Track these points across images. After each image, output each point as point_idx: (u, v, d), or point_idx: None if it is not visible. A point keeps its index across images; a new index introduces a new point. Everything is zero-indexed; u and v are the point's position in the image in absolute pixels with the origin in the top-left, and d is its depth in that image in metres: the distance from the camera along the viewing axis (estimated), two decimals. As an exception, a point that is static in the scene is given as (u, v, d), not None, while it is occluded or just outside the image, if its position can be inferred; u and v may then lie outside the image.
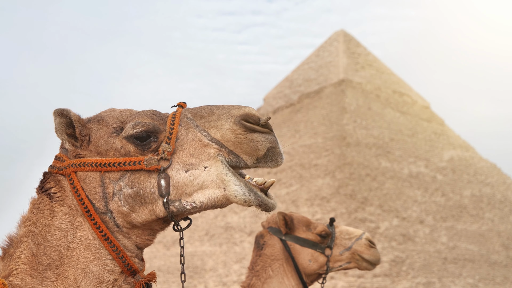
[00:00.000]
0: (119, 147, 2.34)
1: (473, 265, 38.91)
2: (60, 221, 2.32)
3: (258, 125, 2.29)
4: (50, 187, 2.38)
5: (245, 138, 2.25)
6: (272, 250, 4.51)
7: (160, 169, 2.26)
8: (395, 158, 43.38)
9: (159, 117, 2.39)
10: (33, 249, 2.30)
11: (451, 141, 49.51)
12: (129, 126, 2.34)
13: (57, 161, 2.43)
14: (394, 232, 37.26)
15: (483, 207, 44.36)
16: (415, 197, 41.10)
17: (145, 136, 2.32)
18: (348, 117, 44.66)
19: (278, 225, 4.59)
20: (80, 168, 2.35)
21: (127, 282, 2.32)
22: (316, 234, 4.62)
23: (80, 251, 2.28)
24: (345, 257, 4.69)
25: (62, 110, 2.38)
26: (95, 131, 2.40)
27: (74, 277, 2.25)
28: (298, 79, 52.90)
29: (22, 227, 2.38)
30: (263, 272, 4.45)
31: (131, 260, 2.32)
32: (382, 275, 34.48)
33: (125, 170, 2.30)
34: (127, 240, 2.34)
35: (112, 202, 2.31)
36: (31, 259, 2.29)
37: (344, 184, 38.90)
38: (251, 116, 2.29)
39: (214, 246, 41.86)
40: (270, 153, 2.26)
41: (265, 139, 2.27)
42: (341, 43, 52.17)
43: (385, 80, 51.33)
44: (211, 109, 2.35)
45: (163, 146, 2.29)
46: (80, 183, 2.33)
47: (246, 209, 42.44)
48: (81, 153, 2.39)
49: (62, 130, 2.39)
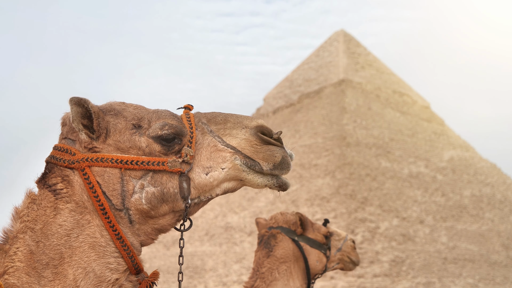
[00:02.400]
0: (144, 146, 2.34)
1: (473, 265, 38.90)
2: (64, 218, 2.25)
3: (272, 138, 2.43)
4: (56, 182, 2.30)
5: (261, 148, 2.39)
6: (283, 251, 4.42)
7: (184, 172, 2.32)
8: (395, 158, 43.37)
9: (178, 119, 2.43)
10: (31, 247, 2.23)
11: (451, 141, 49.51)
12: (157, 126, 2.35)
13: (64, 153, 2.33)
14: (394, 232, 37.24)
15: (483, 207, 44.35)
16: (415, 197, 41.09)
17: (172, 138, 2.35)
18: (348, 117, 44.65)
19: (289, 225, 4.51)
20: (97, 163, 2.29)
21: (129, 280, 2.29)
22: (322, 235, 4.61)
23: (84, 250, 2.23)
24: (337, 258, 4.75)
25: (80, 99, 2.30)
26: (113, 125, 2.36)
27: (73, 276, 2.20)
28: (298, 79, 52.88)
29: (18, 222, 2.28)
30: (269, 275, 4.37)
31: (138, 259, 2.31)
32: (382, 275, 34.47)
33: (147, 170, 2.30)
34: (134, 238, 2.32)
35: (131, 200, 2.29)
36: (28, 257, 2.22)
37: (344, 184, 38.89)
38: (266, 129, 2.43)
39: (214, 246, 41.84)
40: (284, 161, 2.41)
41: (279, 150, 2.42)
42: (341, 43, 52.17)
43: (385, 80, 51.32)
44: (226, 117, 2.43)
45: (185, 149, 2.34)
46: (96, 179, 2.28)
47: (246, 209, 42.44)
48: (97, 147, 2.33)
49: (78, 120, 2.31)
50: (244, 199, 43.26)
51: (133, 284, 2.31)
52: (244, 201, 43.26)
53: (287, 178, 2.44)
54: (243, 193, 43.86)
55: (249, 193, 43.40)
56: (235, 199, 44.05)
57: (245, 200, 43.24)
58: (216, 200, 45.25)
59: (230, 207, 43.90)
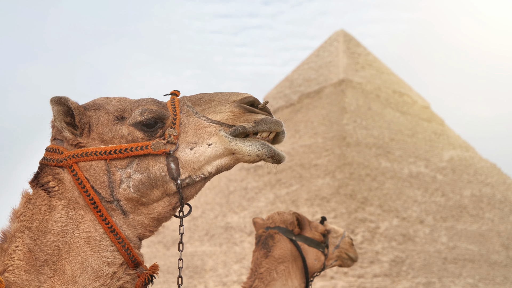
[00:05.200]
0: (126, 134, 2.33)
1: (473, 265, 38.89)
2: (59, 215, 2.27)
3: (257, 108, 2.39)
4: (48, 181, 2.32)
5: (245, 115, 2.35)
6: (281, 252, 4.41)
7: (168, 152, 2.28)
8: (395, 158, 43.35)
9: (161, 104, 2.41)
10: (29, 245, 2.25)
11: (451, 141, 49.48)
12: (137, 113, 2.34)
13: (53, 153, 2.36)
14: (394, 232, 37.23)
15: (483, 207, 44.33)
16: (415, 197, 41.07)
17: (153, 123, 2.34)
18: (348, 117, 44.63)
19: (287, 225, 4.50)
20: (82, 158, 2.30)
21: (127, 274, 2.29)
22: (320, 233, 4.62)
23: (80, 245, 2.23)
24: (335, 255, 4.75)
25: (59, 98, 2.32)
26: (96, 118, 2.36)
27: (72, 272, 2.21)
28: (298, 79, 52.86)
29: (15, 222, 2.31)
30: (267, 275, 4.36)
31: (135, 252, 2.30)
32: (382, 275, 34.46)
33: (132, 156, 2.29)
34: (130, 231, 2.31)
35: (119, 190, 2.28)
36: (27, 255, 2.24)
37: (344, 184, 38.87)
38: (251, 99, 2.39)
39: (214, 246, 41.83)
40: (266, 119, 2.36)
41: (263, 114, 2.38)
42: (341, 43, 52.15)
43: (385, 80, 51.29)
44: (210, 97, 2.41)
45: (169, 130, 2.31)
46: (83, 174, 2.28)
47: (246, 209, 42.41)
48: (82, 142, 2.34)
49: (60, 118, 2.33)
50: (244, 199, 43.25)
51: (131, 277, 2.30)
52: (244, 201, 43.25)
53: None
54: (243, 193, 43.87)
55: (249, 193, 43.41)
56: (235, 199, 44.05)
57: (245, 200, 43.23)
58: (216, 200, 45.25)
59: (230, 207, 43.89)
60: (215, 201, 45.28)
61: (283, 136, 2.41)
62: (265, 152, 2.31)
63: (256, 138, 2.34)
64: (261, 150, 2.30)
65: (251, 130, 2.33)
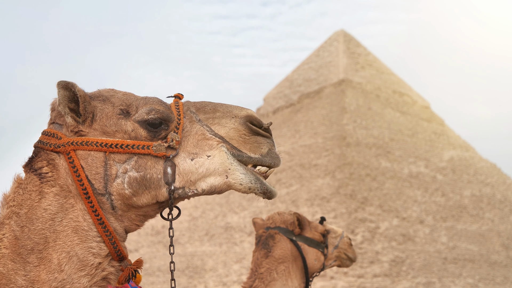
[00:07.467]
0: (130, 130, 2.32)
1: (473, 265, 38.89)
2: (49, 202, 2.23)
3: (261, 129, 2.38)
4: (41, 166, 2.29)
5: (250, 139, 2.34)
6: (281, 252, 4.41)
7: (168, 157, 2.28)
8: (395, 158, 43.37)
9: (167, 106, 2.40)
10: (16, 232, 2.20)
11: (451, 141, 49.51)
12: (144, 110, 2.32)
13: (51, 137, 2.32)
14: (394, 232, 37.24)
15: (483, 207, 44.34)
16: (415, 197, 41.08)
17: (158, 124, 2.32)
18: (348, 117, 44.64)
19: (287, 225, 4.51)
20: (82, 146, 2.28)
21: (112, 265, 2.27)
22: (320, 234, 4.62)
23: (67, 234, 2.21)
24: (334, 255, 4.76)
25: (67, 83, 2.29)
26: (100, 109, 2.34)
27: (58, 260, 2.18)
28: (298, 79, 52.88)
29: (5, 208, 2.27)
30: (267, 275, 4.36)
31: (121, 245, 2.29)
32: (382, 275, 34.46)
33: (132, 153, 2.28)
34: (118, 224, 2.30)
35: (113, 184, 2.26)
36: (14, 243, 2.19)
37: (344, 184, 38.88)
38: (255, 119, 2.38)
39: (214, 246, 41.84)
40: (271, 153, 2.36)
41: (267, 142, 2.38)
42: (341, 43, 52.16)
43: (385, 80, 51.32)
44: (215, 106, 2.40)
45: (171, 135, 2.30)
46: (80, 162, 2.26)
47: (246, 209, 42.43)
48: (83, 130, 2.31)
49: (65, 103, 2.30)
50: (244, 199, 43.26)
51: (115, 269, 2.28)
52: (244, 201, 43.26)
53: (274, 187, 2.36)
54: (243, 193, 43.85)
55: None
56: (235, 199, 44.06)
57: (245, 200, 43.24)
58: (216, 200, 45.26)
59: (230, 207, 43.90)
60: (215, 201, 45.30)
61: (279, 161, 2.42)
62: (258, 187, 2.31)
63: (254, 171, 2.33)
64: (254, 184, 2.31)
65: (255, 163, 2.34)
